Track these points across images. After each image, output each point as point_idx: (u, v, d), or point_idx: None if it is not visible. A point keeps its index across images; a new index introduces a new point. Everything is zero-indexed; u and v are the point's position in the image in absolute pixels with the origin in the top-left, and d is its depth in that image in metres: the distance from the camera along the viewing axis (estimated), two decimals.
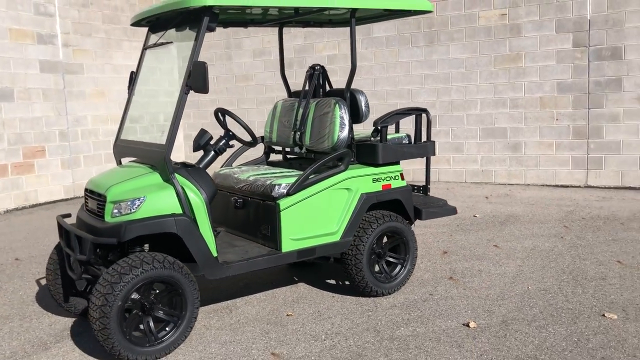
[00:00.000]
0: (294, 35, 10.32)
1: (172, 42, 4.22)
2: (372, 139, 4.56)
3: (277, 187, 4.05)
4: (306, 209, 4.08)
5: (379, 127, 4.43)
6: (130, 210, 3.53)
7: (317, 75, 4.79)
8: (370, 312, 4.13)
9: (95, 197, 3.79)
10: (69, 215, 4.14)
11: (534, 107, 8.58)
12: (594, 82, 8.19)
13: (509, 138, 8.83)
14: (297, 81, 10.29)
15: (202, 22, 3.63)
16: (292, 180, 4.12)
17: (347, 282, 4.81)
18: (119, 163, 4.36)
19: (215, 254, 3.70)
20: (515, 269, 4.98)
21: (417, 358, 3.40)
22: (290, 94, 5.22)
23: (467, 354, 3.41)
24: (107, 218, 3.60)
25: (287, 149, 5.16)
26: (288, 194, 4.03)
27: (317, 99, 4.70)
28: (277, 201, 4.00)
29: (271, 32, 10.58)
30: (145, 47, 4.37)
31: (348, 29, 9.78)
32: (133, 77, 4.45)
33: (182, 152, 11.82)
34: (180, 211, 3.60)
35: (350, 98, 4.59)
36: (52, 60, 9.11)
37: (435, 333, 3.73)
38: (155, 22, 4.27)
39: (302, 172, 4.31)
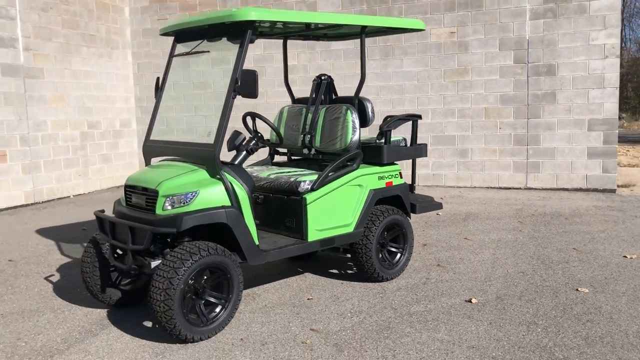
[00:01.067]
0: (254, 46, 10.74)
1: (208, 52, 4.60)
2: (377, 141, 5.13)
3: (302, 183, 4.51)
4: (327, 203, 4.57)
5: (384, 131, 5.01)
6: (184, 203, 3.89)
7: (325, 84, 5.30)
8: (381, 295, 4.68)
9: (141, 193, 4.10)
10: (103, 211, 4.41)
11: (480, 116, 9.49)
12: (532, 95, 9.21)
13: (457, 145, 9.70)
14: (261, 90, 10.71)
15: (246, 35, 4.06)
16: (314, 177, 4.60)
17: (349, 271, 5.33)
18: (149, 163, 4.67)
19: (257, 242, 4.12)
20: (490, 257, 5.69)
21: (437, 327, 3.97)
22: (295, 100, 5.69)
23: (478, 323, 4.03)
24: (159, 211, 3.93)
25: (290, 151, 5.61)
26: (312, 190, 4.51)
27: (325, 105, 5.21)
28: (304, 196, 4.46)
29: None
30: (173, 55, 4.72)
31: (306, 42, 10.34)
32: (159, 83, 4.79)
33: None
34: (229, 204, 3.99)
35: (358, 104, 5.13)
36: (13, 64, 9.03)
37: (445, 308, 4.33)
38: (183, 33, 4.63)
39: (320, 171, 4.79)
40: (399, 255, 5.12)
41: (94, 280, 4.34)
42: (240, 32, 4.15)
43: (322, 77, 5.35)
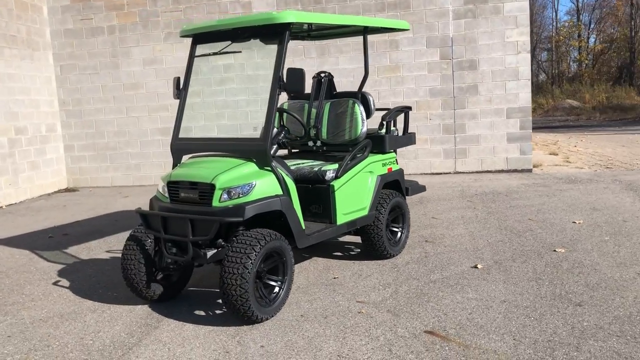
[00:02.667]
0: (186, 45, 10.77)
1: (240, 51, 4.85)
2: (379, 131, 5.64)
3: (327, 172, 4.91)
4: (348, 189, 5.01)
5: (386, 122, 5.53)
6: (243, 194, 4.15)
7: (327, 80, 5.71)
8: (396, 269, 5.21)
9: (192, 187, 4.28)
10: (139, 209, 4.53)
11: (412, 109, 10.31)
12: (458, 88, 10.19)
13: None
14: (192, 89, 10.76)
15: (285, 36, 4.40)
16: (335, 167, 5.02)
17: (351, 253, 5.79)
18: (179, 160, 4.83)
19: (303, 227, 4.48)
20: (465, 231, 6.43)
21: (464, 289, 4.58)
22: (291, 96, 6.04)
23: (495, 283, 4.69)
24: (215, 203, 4.17)
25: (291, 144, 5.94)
26: (336, 177, 4.92)
27: (329, 100, 5.63)
28: (331, 184, 4.87)
29: (162, 42, 10.88)
30: (195, 55, 4.93)
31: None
32: (178, 82, 4.97)
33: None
34: (281, 192, 4.31)
35: (361, 98, 5.59)
36: None
37: (459, 274, 4.96)
38: (207, 34, 4.85)
39: (324, 161, 5.20)
40: (399, 233, 5.68)
41: (140, 276, 4.44)
42: (276, 33, 4.48)
43: (322, 74, 5.76)
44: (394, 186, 5.72)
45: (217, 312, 4.42)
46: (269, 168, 4.35)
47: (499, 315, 4.04)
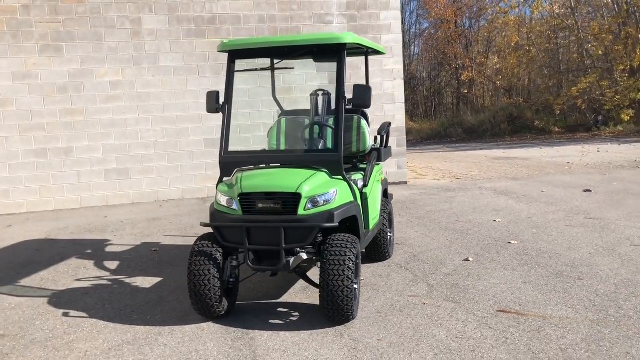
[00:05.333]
0: (68, 60, 9.96)
1: (293, 68, 5.01)
2: (373, 145, 6.16)
3: (358, 181, 5.31)
4: (372, 197, 5.46)
5: (382, 135, 6.09)
6: (328, 201, 4.39)
7: (326, 98, 6.06)
8: (405, 268, 5.79)
9: (269, 198, 4.37)
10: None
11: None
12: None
13: None
14: (73, 107, 9.99)
15: (343, 54, 4.76)
16: (360, 175, 5.42)
17: None
18: (228, 174, 4.80)
19: (364, 230, 4.83)
20: (419, 233, 7.24)
21: (483, 277, 5.36)
22: (284, 112, 6.23)
23: (497, 269, 5.55)
24: (301, 212, 4.34)
25: None
26: (365, 186, 5.34)
27: (331, 115, 5.98)
28: (363, 191, 5.27)
29: (37, 55, 9.87)
30: (234, 70, 4.98)
31: (131, 56, 10.17)
32: (217, 96, 4.96)
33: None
34: (353, 199, 4.62)
35: (361, 114, 6.06)
36: None
37: (460, 267, 5.73)
38: (248, 50, 4.94)
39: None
40: (389, 235, 6.26)
41: (214, 291, 4.36)
42: (335, 52, 4.80)
43: (320, 92, 6.10)
44: (384, 193, 6.30)
45: (293, 318, 4.54)
46: (341, 177, 4.64)
47: (537, 291, 4.89)
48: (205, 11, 10.43)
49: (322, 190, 4.42)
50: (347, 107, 4.79)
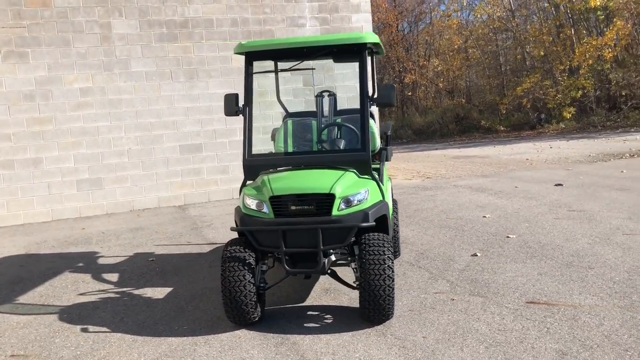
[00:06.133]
0: (35, 66, 9.50)
1: (314, 69, 4.94)
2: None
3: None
4: (387, 195, 5.47)
5: (387, 135, 6.11)
6: (361, 200, 4.37)
7: (333, 99, 6.03)
8: (416, 266, 5.83)
9: (301, 199, 4.30)
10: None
11: None
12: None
13: None
14: (42, 115, 9.55)
15: (365, 54, 4.76)
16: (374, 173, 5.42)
17: None
18: (253, 177, 4.70)
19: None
20: (414, 232, 7.32)
21: (497, 271, 5.46)
22: (289, 114, 6.16)
23: (508, 262, 5.68)
24: (335, 212, 4.30)
25: None
26: (381, 182, 5.35)
27: (338, 116, 5.95)
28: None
29: (0, 62, 9.36)
30: (252, 73, 4.89)
31: (102, 61, 9.83)
32: (237, 99, 4.86)
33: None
34: (382, 198, 4.62)
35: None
36: None
37: (471, 262, 5.82)
38: (266, 52, 4.87)
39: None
40: (398, 234, 6.29)
41: (250, 297, 4.27)
42: (357, 52, 4.79)
43: (325, 93, 6.07)
44: None
45: (327, 321, 4.49)
46: (369, 176, 4.63)
47: (555, 282, 5.03)
48: (177, 15, 10.20)
49: (354, 190, 4.40)
50: (371, 105, 4.79)
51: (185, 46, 10.23)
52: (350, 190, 4.39)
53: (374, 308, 4.20)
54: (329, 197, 4.32)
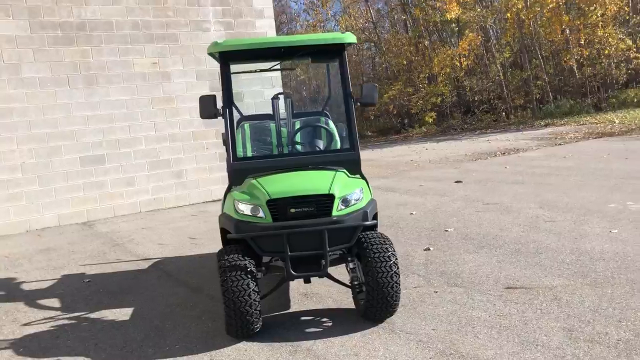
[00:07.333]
0: None
1: (294, 69, 4.79)
2: None
3: None
4: None
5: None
6: (358, 200, 4.36)
7: (290, 101, 5.90)
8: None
9: (299, 202, 4.19)
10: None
11: (189, 139, 10.43)
12: None
13: (173, 167, 10.33)
14: None
15: (344, 54, 4.76)
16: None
17: None
18: (239, 181, 4.47)
19: None
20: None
21: (456, 262, 5.72)
22: (244, 117, 5.92)
23: (460, 253, 5.98)
24: (335, 213, 4.25)
25: None
26: None
27: (296, 118, 5.84)
28: None
29: None
30: (231, 72, 4.67)
31: None
32: (214, 100, 4.61)
33: None
34: (371, 197, 4.63)
35: (324, 115, 6.02)
36: None
37: (429, 256, 6.04)
38: (244, 52, 4.67)
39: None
40: None
41: (255, 306, 4.06)
42: (336, 52, 4.77)
43: (281, 95, 5.93)
44: None
45: (327, 324, 4.43)
46: (359, 175, 4.62)
47: (517, 268, 5.38)
48: (72, 16, 9.40)
49: (350, 190, 4.38)
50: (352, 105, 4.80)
51: (83, 50, 9.47)
52: (346, 190, 4.36)
53: (381, 305, 4.21)
54: (329, 198, 4.26)
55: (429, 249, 6.28)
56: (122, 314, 5.04)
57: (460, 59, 26.39)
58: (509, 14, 24.82)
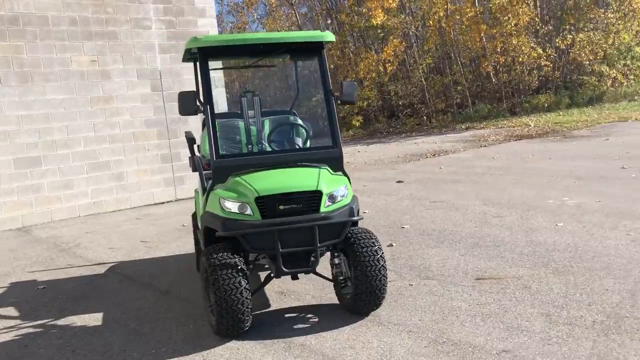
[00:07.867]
0: None
1: (275, 66, 4.74)
2: None
3: None
4: None
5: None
6: (344, 196, 4.41)
7: (258, 99, 5.84)
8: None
9: (288, 198, 4.20)
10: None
11: (130, 140, 10.08)
12: (170, 119, 10.56)
13: (113, 169, 9.94)
14: None
15: (324, 52, 4.81)
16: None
17: None
18: (223, 179, 4.40)
19: None
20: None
21: (420, 256, 5.90)
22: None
23: (422, 248, 6.17)
24: (322, 209, 4.29)
25: None
26: None
27: (265, 117, 5.80)
28: None
29: None
30: (210, 69, 4.58)
31: None
32: (196, 96, 4.51)
33: None
34: (353, 193, 4.69)
35: (293, 114, 6.01)
36: None
37: (394, 252, 6.19)
38: (223, 48, 4.60)
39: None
40: None
41: (246, 304, 4.03)
42: (315, 50, 4.80)
43: (249, 93, 5.87)
44: None
45: (313, 320, 4.46)
46: (341, 172, 4.67)
47: (480, 260, 5.62)
48: (4, 9, 8.87)
49: (336, 186, 4.43)
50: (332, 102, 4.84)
51: (17, 45, 8.95)
52: (332, 186, 4.41)
53: (369, 298, 4.29)
54: (317, 194, 4.29)
55: (392, 245, 6.44)
56: (92, 319, 4.82)
57: (385, 65, 27.06)
58: (431, 22, 25.79)
